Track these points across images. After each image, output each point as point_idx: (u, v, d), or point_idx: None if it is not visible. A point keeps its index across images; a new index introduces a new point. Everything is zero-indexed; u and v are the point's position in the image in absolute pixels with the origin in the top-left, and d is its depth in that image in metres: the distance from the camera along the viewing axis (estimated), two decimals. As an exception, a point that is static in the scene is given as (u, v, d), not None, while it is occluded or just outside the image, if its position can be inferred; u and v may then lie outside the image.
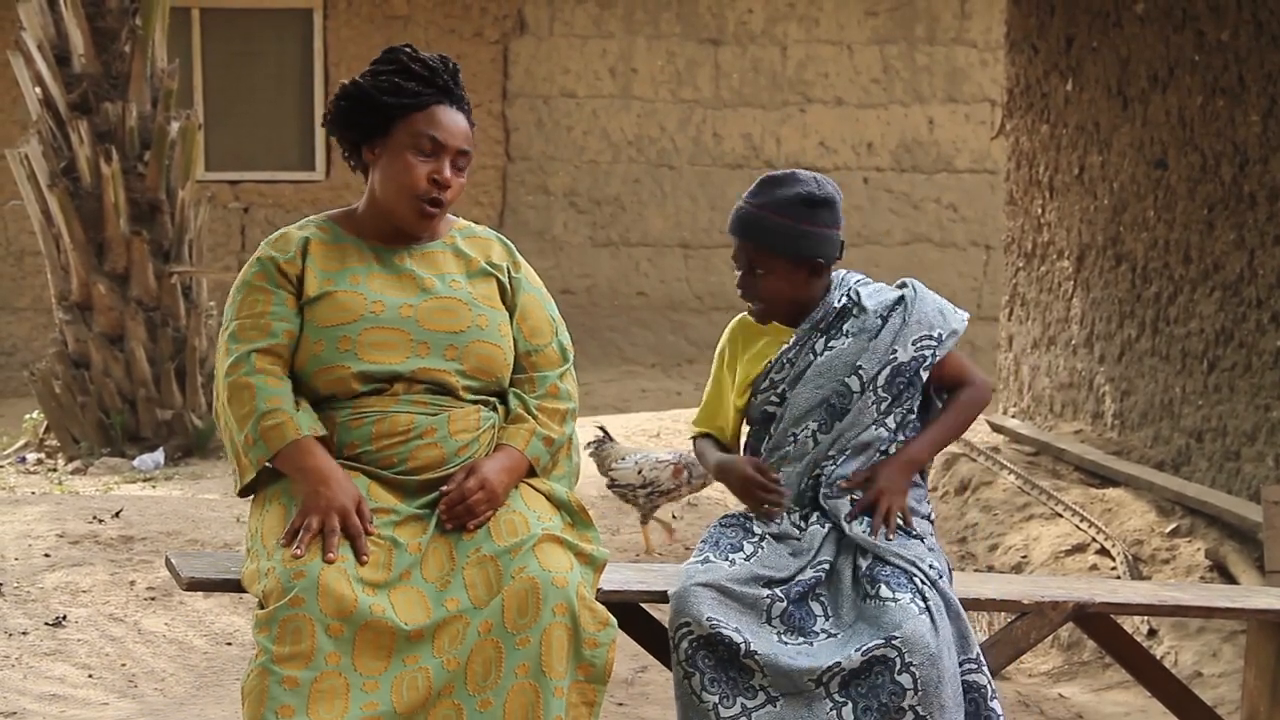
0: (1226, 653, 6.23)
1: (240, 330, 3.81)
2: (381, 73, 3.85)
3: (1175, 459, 7.82)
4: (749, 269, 4.12)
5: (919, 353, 4.09)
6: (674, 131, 13.78)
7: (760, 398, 4.15)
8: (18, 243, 12.98)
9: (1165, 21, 7.98)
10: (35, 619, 5.98)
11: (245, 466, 3.79)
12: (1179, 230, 7.87)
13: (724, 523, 4.13)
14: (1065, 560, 7.11)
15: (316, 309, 3.80)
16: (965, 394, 4.18)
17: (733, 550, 4.00)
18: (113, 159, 9.20)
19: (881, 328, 4.10)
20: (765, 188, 4.12)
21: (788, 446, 4.08)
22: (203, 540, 6.84)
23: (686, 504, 7.79)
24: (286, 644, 3.51)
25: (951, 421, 4.17)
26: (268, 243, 3.90)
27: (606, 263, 13.76)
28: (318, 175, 13.45)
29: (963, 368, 4.22)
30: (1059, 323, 9.02)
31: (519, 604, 3.59)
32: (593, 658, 3.64)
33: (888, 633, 3.78)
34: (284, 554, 3.60)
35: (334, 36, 13.36)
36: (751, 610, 3.86)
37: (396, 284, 3.85)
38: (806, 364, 4.10)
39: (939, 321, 4.13)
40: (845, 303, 4.14)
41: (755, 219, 4.10)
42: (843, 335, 4.11)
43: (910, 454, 4.10)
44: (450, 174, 3.84)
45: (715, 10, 13.77)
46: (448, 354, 3.81)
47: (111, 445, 9.29)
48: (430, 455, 3.77)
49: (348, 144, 3.92)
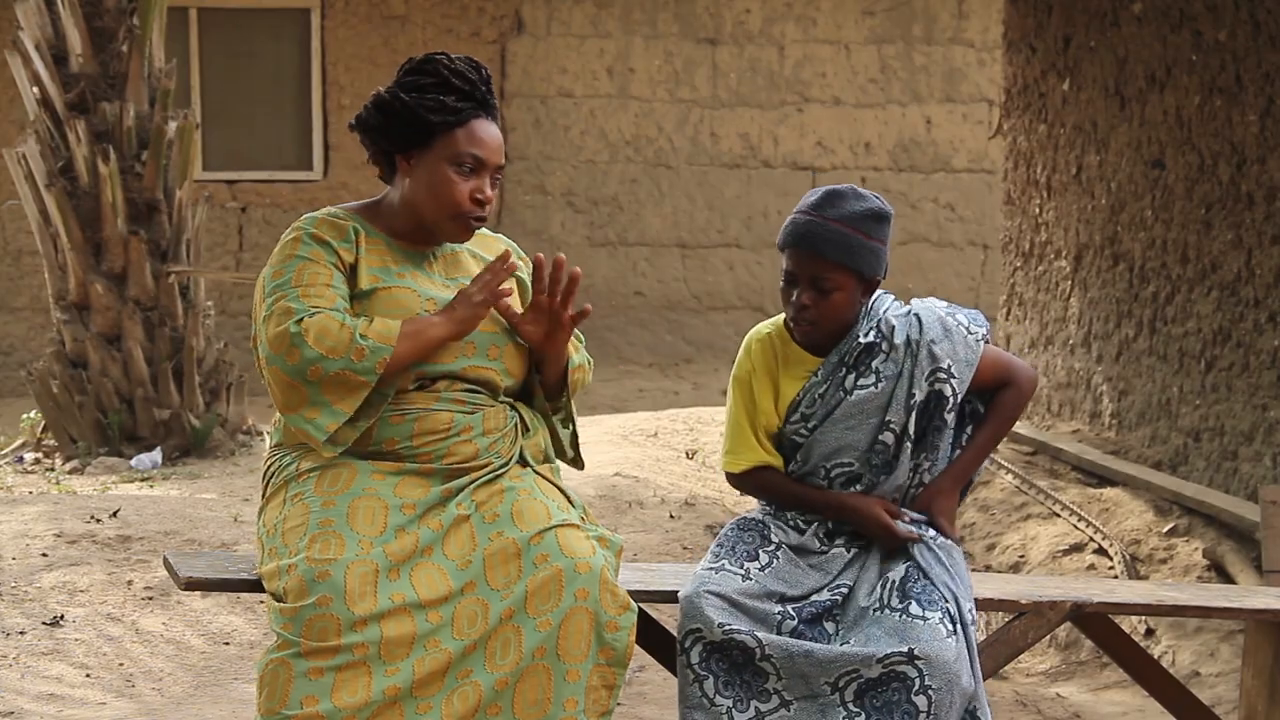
0: (1224, 652, 6.23)
1: (303, 295, 3.74)
2: (422, 85, 3.84)
3: (1173, 459, 7.82)
4: (814, 286, 3.93)
5: (933, 388, 3.98)
6: (671, 131, 13.78)
7: (790, 428, 4.04)
8: (15, 242, 12.98)
9: (1163, 21, 7.98)
10: (33, 618, 5.98)
11: (358, 386, 3.70)
12: (1176, 230, 7.88)
13: (742, 525, 4.04)
14: (1063, 560, 7.11)
15: (370, 303, 3.80)
16: (1005, 396, 4.09)
17: (748, 559, 3.93)
18: (110, 159, 9.19)
19: (899, 373, 3.98)
20: (834, 200, 3.94)
21: (819, 480, 4.02)
22: (200, 540, 6.83)
23: (684, 504, 7.80)
24: (313, 639, 3.54)
25: (995, 429, 4.09)
26: (313, 223, 3.84)
27: (604, 263, 13.76)
28: (315, 175, 13.44)
29: (1001, 367, 4.10)
30: (1057, 322, 9.02)
31: (541, 590, 3.64)
32: (613, 641, 3.67)
33: (910, 645, 3.73)
34: (307, 551, 3.62)
35: (331, 36, 13.36)
36: (762, 624, 3.83)
37: (432, 285, 3.88)
38: (836, 401, 3.99)
39: (945, 350, 3.99)
40: (875, 338, 4.00)
41: (831, 232, 3.91)
42: (871, 374, 3.99)
43: (960, 471, 4.06)
44: (490, 190, 3.87)
45: (713, 10, 13.77)
46: (491, 353, 3.87)
47: (109, 445, 9.28)
48: (465, 451, 3.81)
49: (378, 149, 3.91)
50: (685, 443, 9.21)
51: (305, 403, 3.73)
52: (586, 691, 3.64)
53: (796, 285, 3.95)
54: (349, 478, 3.77)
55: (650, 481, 8.26)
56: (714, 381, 13.07)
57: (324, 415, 3.72)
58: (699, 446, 9.06)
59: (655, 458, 8.86)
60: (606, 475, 8.07)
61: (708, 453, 8.92)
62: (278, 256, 3.83)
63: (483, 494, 3.78)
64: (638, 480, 8.20)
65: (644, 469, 8.54)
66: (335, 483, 3.76)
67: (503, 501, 3.76)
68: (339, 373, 3.70)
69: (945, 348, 3.99)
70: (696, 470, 8.69)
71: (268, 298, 3.77)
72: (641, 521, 7.49)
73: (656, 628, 4.13)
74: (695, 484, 8.34)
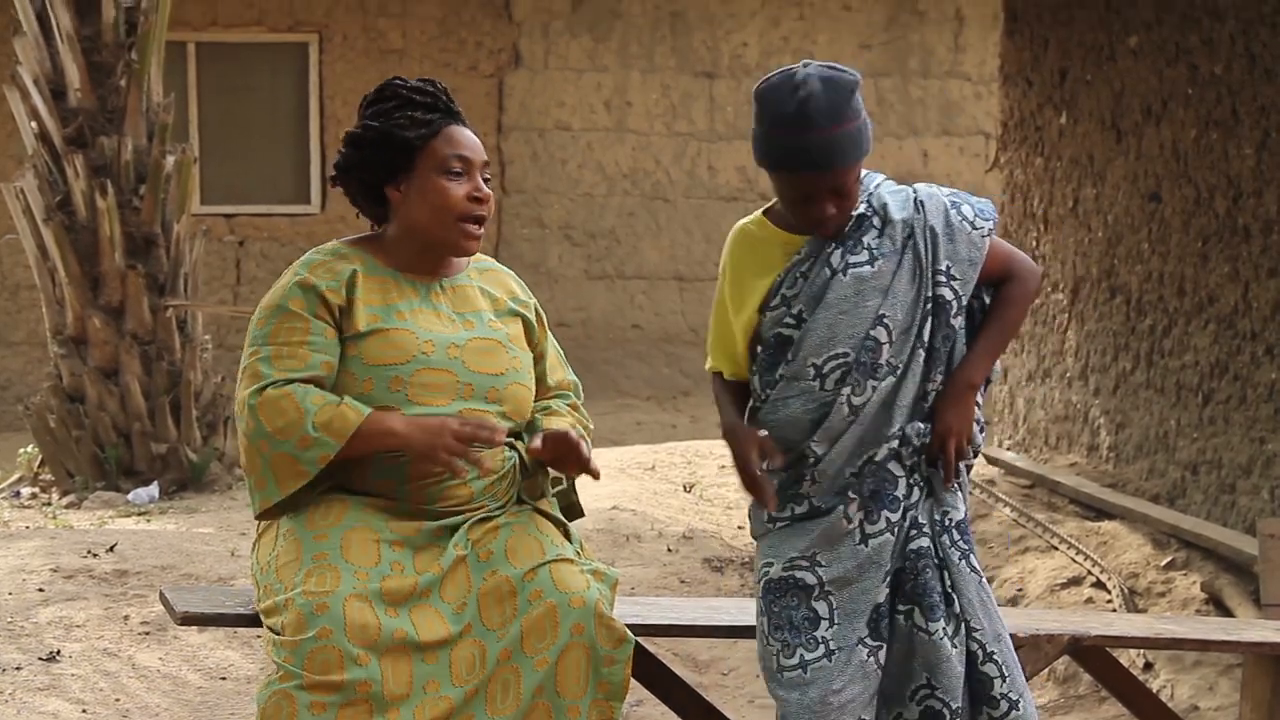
0: (1223, 686, 6.22)
1: (275, 357, 3.75)
2: (387, 110, 3.86)
3: (1170, 492, 7.82)
4: (837, 194, 3.66)
5: (935, 290, 3.73)
6: (669, 164, 13.80)
7: (771, 315, 3.75)
8: (13, 277, 12.98)
9: (1158, 55, 8.00)
10: (29, 654, 5.96)
11: (296, 474, 3.71)
12: (1173, 263, 7.88)
13: (776, 591, 3.75)
14: (1061, 593, 7.10)
15: (365, 345, 3.78)
16: (1009, 291, 3.82)
17: (811, 627, 3.70)
18: (108, 193, 9.20)
19: (899, 260, 3.72)
20: (813, 102, 3.61)
21: (806, 380, 3.71)
22: (197, 574, 6.82)
23: (682, 537, 7.78)
24: (315, 672, 3.52)
25: (1002, 329, 3.81)
26: (306, 268, 3.83)
27: (601, 295, 13.77)
28: (313, 209, 13.46)
29: (1004, 260, 3.84)
30: (1054, 355, 9.03)
31: (537, 628, 3.63)
32: (610, 675, 3.66)
33: (927, 672, 3.68)
34: (304, 585, 3.61)
35: (329, 70, 13.39)
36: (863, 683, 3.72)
37: (438, 321, 3.85)
38: (824, 280, 3.71)
39: (947, 251, 3.74)
40: (865, 210, 3.74)
41: (836, 139, 3.62)
42: (864, 250, 3.72)
43: (965, 380, 3.76)
44: (484, 188, 3.87)
45: (710, 44, 13.80)
46: (489, 396, 3.83)
47: (106, 479, 9.27)
48: (460, 494, 3.80)
49: (363, 190, 3.91)
50: (683, 476, 9.20)
51: (256, 470, 3.75)
52: None
53: (813, 202, 3.68)
54: (340, 511, 3.76)
55: (648, 515, 8.25)
56: (711, 415, 13.03)
57: (266, 489, 3.75)
58: (697, 480, 9.05)
59: (653, 491, 8.85)
60: (604, 509, 8.06)
61: (705, 486, 8.91)
62: (269, 299, 3.83)
63: (478, 531, 3.77)
64: (635, 514, 8.19)
65: (641, 502, 8.53)
66: (327, 516, 3.75)
67: (497, 539, 3.75)
68: (283, 455, 3.71)
69: (947, 247, 3.75)
70: (694, 503, 8.68)
71: (248, 347, 3.80)
72: (639, 555, 7.48)
73: (653, 661, 4.12)
74: (693, 517, 8.33)
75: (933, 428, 3.74)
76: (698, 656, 6.18)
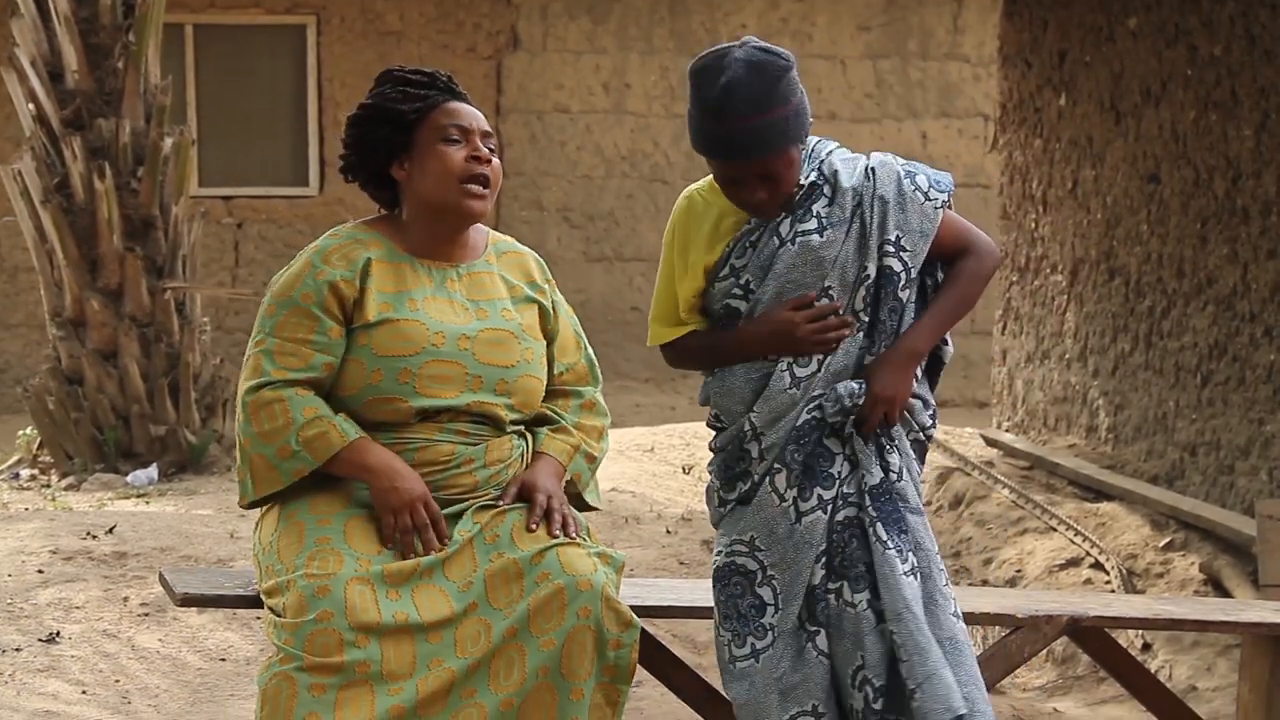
0: (1221, 667, 6.23)
1: (278, 352, 3.77)
2: (384, 92, 3.89)
3: (1169, 473, 7.83)
4: (766, 179, 3.60)
5: (882, 261, 3.64)
6: (667, 146, 13.79)
7: (720, 287, 3.69)
8: (11, 259, 12.98)
9: (1158, 36, 8.00)
10: (28, 635, 5.96)
11: (272, 479, 3.75)
12: (1172, 244, 7.88)
13: (722, 578, 3.71)
14: (1059, 574, 7.11)
15: (375, 335, 3.78)
16: (963, 266, 3.72)
17: (758, 614, 3.65)
18: (106, 175, 9.19)
19: (847, 231, 3.63)
20: (738, 88, 3.52)
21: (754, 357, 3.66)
22: (196, 556, 6.82)
23: (681, 519, 7.79)
24: (315, 654, 3.53)
25: (953, 301, 3.70)
26: (321, 255, 3.83)
27: (600, 278, 13.77)
28: (311, 191, 13.45)
29: (959, 234, 3.73)
30: (1052, 337, 9.03)
31: (544, 609, 3.62)
32: (617, 659, 3.66)
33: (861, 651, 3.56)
34: (305, 568, 3.62)
35: (327, 52, 13.37)
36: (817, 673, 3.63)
37: (451, 310, 3.85)
38: (772, 249, 3.64)
39: (897, 221, 3.64)
40: (815, 178, 3.65)
41: (762, 127, 3.55)
42: (813, 218, 3.64)
43: (907, 347, 3.65)
44: (485, 150, 3.86)
45: (708, 25, 13.79)
46: (498, 388, 3.84)
47: (105, 461, 9.27)
48: (465, 483, 3.81)
49: (371, 177, 3.92)
50: (681, 458, 9.21)
51: (241, 463, 3.82)
52: (591, 710, 3.63)
53: (741, 186, 3.63)
54: (344, 497, 3.77)
55: (647, 497, 8.26)
56: (710, 397, 13.05)
57: (246, 484, 3.81)
58: (695, 462, 9.06)
59: (651, 473, 8.86)
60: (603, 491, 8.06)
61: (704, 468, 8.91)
62: (281, 287, 3.82)
63: (484, 515, 3.77)
64: (634, 495, 8.20)
65: (640, 484, 8.54)
66: (331, 501, 3.76)
67: (503, 522, 3.76)
68: (263, 458, 3.75)
69: (897, 217, 3.64)
70: (693, 485, 8.69)
71: (255, 334, 3.82)
72: (638, 537, 7.49)
73: (652, 642, 4.13)
74: (692, 499, 8.34)
75: (868, 389, 3.62)
76: (696, 638, 6.19)
